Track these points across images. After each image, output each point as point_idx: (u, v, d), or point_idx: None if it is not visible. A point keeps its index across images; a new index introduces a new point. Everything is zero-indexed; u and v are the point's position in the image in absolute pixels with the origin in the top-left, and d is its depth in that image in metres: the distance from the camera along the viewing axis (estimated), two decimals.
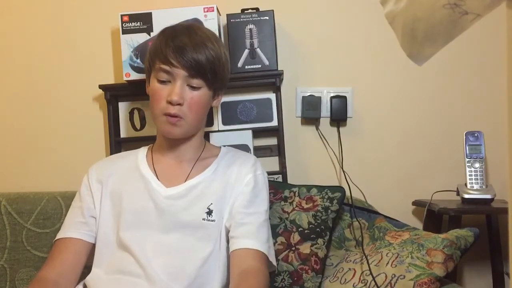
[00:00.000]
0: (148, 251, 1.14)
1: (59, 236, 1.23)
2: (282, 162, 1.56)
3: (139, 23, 1.50)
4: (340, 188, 1.39)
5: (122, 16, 1.51)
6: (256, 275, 1.11)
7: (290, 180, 1.54)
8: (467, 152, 1.48)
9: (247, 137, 1.55)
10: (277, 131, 1.57)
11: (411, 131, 1.64)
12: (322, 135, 1.63)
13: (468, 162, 1.47)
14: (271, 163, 1.60)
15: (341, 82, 1.64)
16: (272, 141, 1.63)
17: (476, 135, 1.49)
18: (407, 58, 0.68)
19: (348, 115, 1.61)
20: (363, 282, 1.19)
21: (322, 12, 1.65)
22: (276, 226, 1.35)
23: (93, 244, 1.23)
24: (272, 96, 1.59)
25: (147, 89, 1.27)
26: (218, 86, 1.26)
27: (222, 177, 1.24)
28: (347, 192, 1.40)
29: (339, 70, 1.65)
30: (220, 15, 1.53)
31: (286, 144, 1.57)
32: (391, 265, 1.17)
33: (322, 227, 1.33)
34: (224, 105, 1.57)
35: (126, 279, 1.12)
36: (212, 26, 1.44)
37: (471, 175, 1.46)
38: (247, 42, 1.55)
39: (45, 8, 1.70)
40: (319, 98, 1.61)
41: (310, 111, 1.61)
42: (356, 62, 1.64)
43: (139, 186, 1.23)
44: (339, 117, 1.60)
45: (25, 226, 1.47)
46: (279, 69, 1.56)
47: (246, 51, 1.55)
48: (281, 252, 1.32)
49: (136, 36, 1.50)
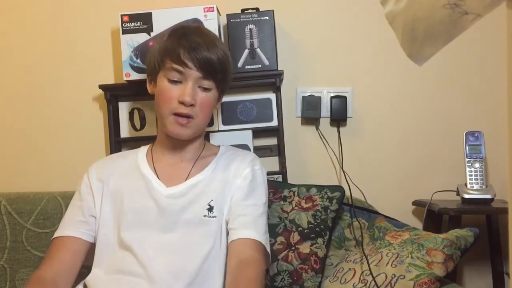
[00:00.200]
0: (149, 251, 1.14)
1: (57, 234, 1.21)
2: (282, 162, 1.56)
3: (139, 23, 1.50)
4: (339, 188, 1.39)
5: (122, 16, 1.51)
6: (253, 265, 1.11)
7: (290, 180, 1.54)
8: (467, 152, 1.48)
9: (247, 137, 1.55)
10: (277, 131, 1.57)
11: (411, 131, 1.64)
12: (322, 135, 1.63)
13: (468, 162, 1.47)
14: (271, 163, 1.60)
15: (341, 82, 1.64)
16: (272, 141, 1.63)
17: (476, 135, 1.49)
18: (407, 58, 0.68)
19: (348, 115, 1.62)
20: (363, 282, 1.19)
21: (322, 12, 1.65)
22: (275, 226, 1.35)
23: (92, 243, 1.22)
24: (272, 96, 1.59)
25: (150, 88, 1.27)
26: (224, 87, 1.28)
27: (221, 174, 1.24)
28: (347, 192, 1.41)
29: (339, 70, 1.65)
30: (220, 15, 1.53)
31: (286, 144, 1.57)
32: (391, 265, 1.17)
33: (322, 226, 1.33)
34: (224, 105, 1.57)
35: (126, 279, 1.12)
36: (212, 26, 1.44)
37: (471, 175, 1.46)
38: (247, 42, 1.55)
39: (45, 8, 1.70)
40: (319, 98, 1.61)
41: (310, 111, 1.61)
42: (356, 62, 1.64)
43: (139, 186, 1.23)
44: (339, 117, 1.61)
45: (25, 226, 1.47)
46: (279, 69, 1.56)
47: (246, 51, 1.55)
48: (280, 251, 1.32)
49: (136, 36, 1.50)
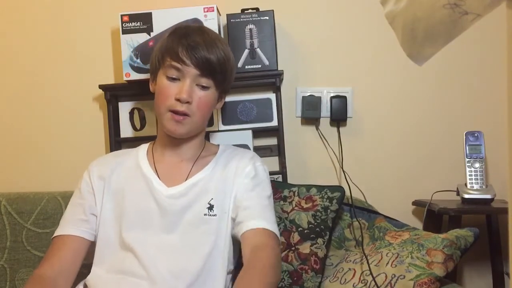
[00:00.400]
0: (150, 252, 1.14)
1: (57, 233, 1.21)
2: (282, 162, 1.56)
3: (139, 23, 1.50)
4: (339, 188, 1.39)
5: (122, 16, 1.51)
6: (267, 249, 1.10)
7: (290, 180, 1.54)
8: (467, 152, 1.48)
9: (247, 137, 1.55)
10: (277, 131, 1.57)
11: (411, 131, 1.64)
12: (322, 135, 1.63)
13: (468, 162, 1.47)
14: (271, 163, 1.60)
15: (341, 82, 1.64)
16: (272, 141, 1.63)
17: (476, 135, 1.49)
18: (407, 58, 0.68)
19: (348, 115, 1.61)
20: (363, 282, 1.19)
21: (322, 12, 1.65)
22: None
23: (92, 242, 1.22)
24: (272, 96, 1.59)
25: (151, 86, 1.28)
26: (224, 88, 1.28)
27: (221, 172, 1.24)
28: (347, 192, 1.40)
29: (339, 70, 1.65)
30: (220, 15, 1.53)
31: (286, 144, 1.57)
32: (391, 265, 1.17)
33: (322, 226, 1.33)
34: (224, 105, 1.56)
35: (128, 279, 1.12)
36: (212, 26, 1.44)
37: (471, 175, 1.46)
38: (247, 42, 1.55)
39: (45, 8, 1.70)
40: (319, 98, 1.61)
41: (310, 111, 1.61)
42: (356, 62, 1.64)
43: (141, 185, 1.22)
44: (339, 117, 1.60)
45: (25, 226, 1.47)
46: (279, 69, 1.56)
47: (246, 51, 1.55)
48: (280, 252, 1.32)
49: (136, 36, 1.50)
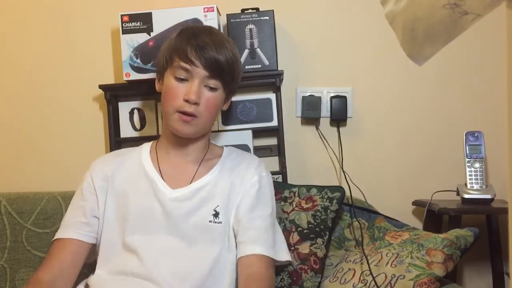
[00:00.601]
0: (155, 254, 1.13)
1: (58, 236, 1.20)
2: (282, 162, 1.56)
3: (139, 23, 1.50)
4: (339, 188, 1.39)
5: (122, 16, 1.50)
6: (259, 281, 1.11)
7: (290, 180, 1.54)
8: (467, 152, 1.48)
9: (247, 137, 1.55)
10: (277, 131, 1.57)
11: (411, 131, 1.64)
12: (322, 135, 1.63)
13: (468, 162, 1.47)
14: (271, 163, 1.60)
15: (341, 82, 1.64)
16: (272, 141, 1.63)
17: (476, 135, 1.49)
18: (407, 58, 0.68)
19: (348, 115, 1.61)
20: (363, 282, 1.19)
21: (322, 12, 1.65)
22: None
23: (93, 244, 1.21)
24: (272, 96, 1.59)
25: (157, 85, 1.28)
26: (231, 89, 1.27)
27: (227, 178, 1.23)
28: (347, 192, 1.40)
29: (339, 70, 1.65)
30: (220, 15, 1.53)
31: (286, 144, 1.57)
32: (391, 265, 1.17)
33: (322, 226, 1.33)
34: None
35: (130, 280, 1.11)
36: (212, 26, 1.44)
37: (471, 175, 1.46)
38: (247, 42, 1.55)
39: (45, 8, 1.69)
40: (319, 98, 1.61)
41: (310, 111, 1.61)
42: (356, 62, 1.64)
43: (144, 186, 1.21)
44: (339, 117, 1.60)
45: (25, 226, 1.46)
46: (279, 69, 1.56)
47: (246, 51, 1.55)
48: None
49: (136, 36, 1.50)
